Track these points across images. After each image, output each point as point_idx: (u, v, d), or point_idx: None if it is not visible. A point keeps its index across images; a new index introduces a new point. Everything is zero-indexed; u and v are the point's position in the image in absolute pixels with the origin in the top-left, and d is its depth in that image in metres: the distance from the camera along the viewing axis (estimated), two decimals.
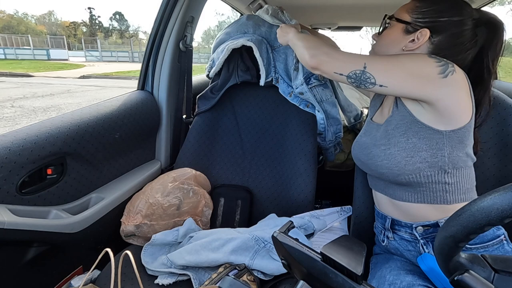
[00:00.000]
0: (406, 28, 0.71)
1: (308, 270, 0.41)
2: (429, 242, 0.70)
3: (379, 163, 0.72)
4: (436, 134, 0.65)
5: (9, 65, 15.30)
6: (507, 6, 14.75)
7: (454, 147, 0.65)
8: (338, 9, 1.70)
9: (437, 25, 0.68)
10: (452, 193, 0.67)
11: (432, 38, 0.69)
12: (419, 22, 0.70)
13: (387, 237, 0.79)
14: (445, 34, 0.68)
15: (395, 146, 0.69)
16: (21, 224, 0.69)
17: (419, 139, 0.66)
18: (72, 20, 51.33)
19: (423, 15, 0.69)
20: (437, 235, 0.39)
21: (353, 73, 0.67)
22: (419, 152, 0.66)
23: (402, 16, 0.72)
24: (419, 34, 0.69)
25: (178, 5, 1.08)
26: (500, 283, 0.37)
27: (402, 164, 0.68)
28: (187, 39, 1.17)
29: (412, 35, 0.70)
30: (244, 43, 1.07)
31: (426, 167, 0.66)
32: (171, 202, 0.94)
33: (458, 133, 0.64)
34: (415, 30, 0.70)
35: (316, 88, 1.12)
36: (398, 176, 0.69)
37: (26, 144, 0.74)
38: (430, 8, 0.69)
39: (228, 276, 0.46)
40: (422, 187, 0.68)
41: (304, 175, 1.07)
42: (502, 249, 0.66)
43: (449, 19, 0.67)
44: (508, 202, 0.31)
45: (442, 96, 0.62)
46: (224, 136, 1.19)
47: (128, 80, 11.48)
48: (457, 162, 0.66)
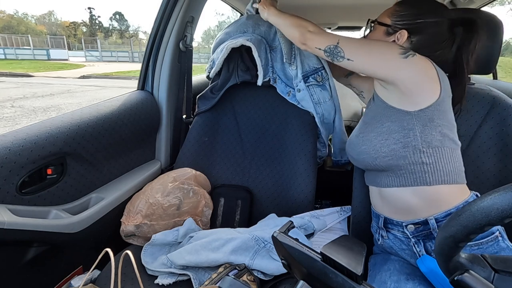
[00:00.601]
0: (387, 31, 0.79)
1: (308, 270, 0.41)
2: (420, 240, 0.72)
3: (358, 150, 0.79)
4: (406, 115, 0.70)
5: (9, 65, 15.30)
6: (507, 6, 14.74)
7: (424, 125, 0.69)
8: (338, 9, 1.70)
9: (414, 26, 0.75)
10: (431, 174, 0.69)
11: (410, 38, 0.76)
12: (398, 25, 0.77)
13: (382, 236, 0.81)
14: (422, 34, 0.75)
15: (372, 131, 0.76)
16: (21, 224, 0.69)
17: (392, 122, 0.72)
18: (72, 20, 51.38)
19: (402, 18, 0.77)
20: (437, 235, 0.39)
21: (328, 48, 0.78)
22: (392, 134, 0.72)
23: (384, 20, 0.80)
24: (398, 35, 0.77)
25: (178, 5, 1.08)
26: (500, 283, 0.37)
27: (378, 147, 0.73)
28: (187, 39, 1.17)
29: (392, 37, 0.78)
30: (243, 42, 1.07)
31: (400, 148, 0.71)
32: (171, 202, 0.94)
33: (426, 112, 0.69)
34: (395, 32, 0.78)
35: (313, 87, 1.12)
36: (376, 159, 0.74)
37: (26, 144, 0.74)
38: (408, 12, 0.76)
39: (228, 276, 0.46)
40: (401, 170, 0.72)
41: (304, 175, 1.07)
42: (497, 246, 0.67)
43: (425, 20, 0.75)
44: (508, 202, 0.31)
45: (403, 76, 0.69)
46: (224, 136, 1.19)
47: (128, 80, 11.48)
48: (431, 141, 0.69)
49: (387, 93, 0.74)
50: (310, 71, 1.11)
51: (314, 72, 1.12)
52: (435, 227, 0.69)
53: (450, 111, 0.72)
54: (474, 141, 0.88)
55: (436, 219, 0.69)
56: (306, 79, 1.10)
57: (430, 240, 0.71)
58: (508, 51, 13.88)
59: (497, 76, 1.85)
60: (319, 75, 1.12)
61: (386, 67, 0.70)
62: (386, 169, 0.74)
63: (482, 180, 0.87)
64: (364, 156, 0.77)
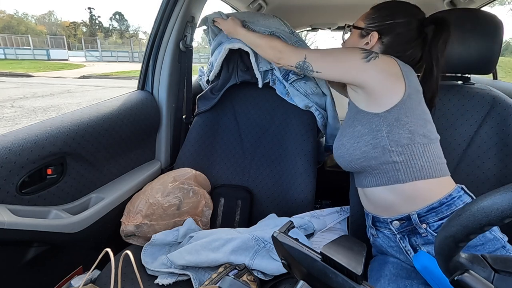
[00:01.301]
0: (361, 33, 0.84)
1: (308, 270, 0.41)
2: (405, 236, 0.74)
3: (336, 155, 0.83)
4: (374, 117, 0.73)
5: (9, 65, 15.31)
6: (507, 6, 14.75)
7: (391, 125, 0.71)
8: (338, 9, 1.70)
9: (384, 28, 0.80)
10: (404, 172, 0.71)
11: (381, 39, 0.80)
12: (370, 27, 0.82)
13: (372, 234, 0.83)
14: (392, 34, 0.79)
15: (345, 136, 0.79)
16: (21, 224, 0.69)
17: (362, 125, 0.75)
18: (72, 20, 51.39)
19: (373, 20, 0.82)
20: (437, 235, 0.39)
21: (297, 64, 0.83)
22: (363, 136, 0.74)
23: (358, 24, 0.85)
24: (370, 37, 0.81)
25: (178, 5, 1.08)
26: (500, 283, 0.37)
27: (351, 151, 0.76)
28: (187, 39, 1.17)
29: (365, 39, 0.83)
30: (241, 47, 1.08)
31: (371, 149, 0.73)
32: (171, 202, 0.94)
33: (392, 112, 0.71)
34: (368, 34, 0.82)
35: (297, 82, 1.12)
36: (351, 162, 0.78)
37: (26, 144, 0.74)
38: (378, 14, 0.81)
39: (228, 276, 0.46)
40: (375, 170, 0.74)
41: (304, 175, 1.07)
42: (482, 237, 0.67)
43: (394, 21, 0.79)
44: (508, 202, 0.31)
45: (367, 79, 0.72)
46: (224, 136, 1.19)
47: (128, 80, 11.48)
48: (399, 140, 0.70)
49: (357, 96, 0.78)
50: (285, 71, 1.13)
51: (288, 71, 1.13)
52: (417, 222, 0.70)
53: (420, 106, 0.74)
54: (474, 141, 0.88)
55: (418, 214, 0.70)
56: (286, 77, 1.12)
57: (415, 235, 0.72)
58: (508, 51, 13.88)
59: (497, 76, 1.85)
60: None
61: (350, 73, 0.75)
62: (362, 170, 0.78)
63: (482, 180, 0.87)
64: (340, 160, 0.81)
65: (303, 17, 1.90)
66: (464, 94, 0.90)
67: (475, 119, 0.88)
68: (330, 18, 1.94)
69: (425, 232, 0.70)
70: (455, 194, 0.70)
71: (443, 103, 0.91)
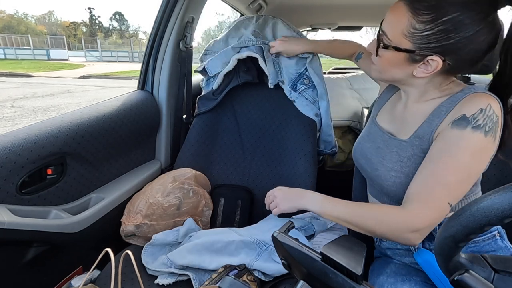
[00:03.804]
0: (411, 57, 0.59)
1: (308, 270, 0.41)
2: None
3: (384, 184, 0.69)
4: None
5: (9, 65, 15.30)
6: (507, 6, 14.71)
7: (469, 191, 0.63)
8: (338, 9, 1.70)
9: (447, 48, 0.55)
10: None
11: (445, 61, 0.57)
12: (424, 49, 0.56)
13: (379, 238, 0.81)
14: (461, 52, 0.55)
15: (407, 176, 0.63)
16: (21, 224, 0.69)
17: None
18: (72, 20, 51.38)
19: (427, 39, 0.55)
20: (437, 235, 0.39)
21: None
22: None
23: (401, 42, 0.58)
24: (429, 61, 0.57)
25: (178, 5, 1.08)
26: (500, 283, 0.37)
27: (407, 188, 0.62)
28: (187, 39, 1.17)
29: (418, 63, 0.59)
30: (249, 54, 1.08)
31: None
32: (171, 202, 0.94)
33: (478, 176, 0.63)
34: (422, 57, 0.57)
35: (305, 91, 1.14)
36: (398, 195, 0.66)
37: (26, 144, 0.74)
38: (434, 30, 0.54)
39: (228, 276, 0.46)
40: None
41: (304, 175, 1.07)
42: (494, 245, 0.66)
43: (461, 37, 0.53)
44: (508, 202, 0.31)
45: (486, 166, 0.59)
46: (224, 136, 1.19)
47: (128, 80, 11.48)
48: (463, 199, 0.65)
49: None
50: (295, 78, 1.13)
51: (299, 77, 1.13)
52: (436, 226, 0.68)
53: None
54: None
55: None
56: (295, 88, 1.13)
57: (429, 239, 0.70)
58: None
59: None
60: (305, 78, 1.14)
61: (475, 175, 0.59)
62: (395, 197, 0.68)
63: (482, 180, 0.87)
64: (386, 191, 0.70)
65: (303, 17, 1.90)
66: None
67: None
68: (330, 18, 1.94)
69: None
70: None
71: None
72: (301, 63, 1.14)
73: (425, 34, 0.55)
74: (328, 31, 2.18)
